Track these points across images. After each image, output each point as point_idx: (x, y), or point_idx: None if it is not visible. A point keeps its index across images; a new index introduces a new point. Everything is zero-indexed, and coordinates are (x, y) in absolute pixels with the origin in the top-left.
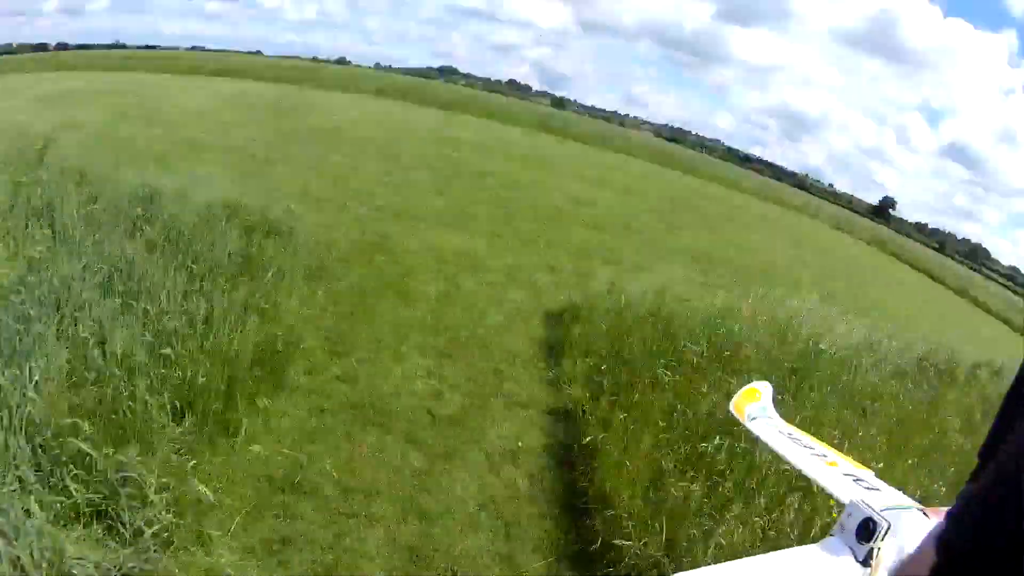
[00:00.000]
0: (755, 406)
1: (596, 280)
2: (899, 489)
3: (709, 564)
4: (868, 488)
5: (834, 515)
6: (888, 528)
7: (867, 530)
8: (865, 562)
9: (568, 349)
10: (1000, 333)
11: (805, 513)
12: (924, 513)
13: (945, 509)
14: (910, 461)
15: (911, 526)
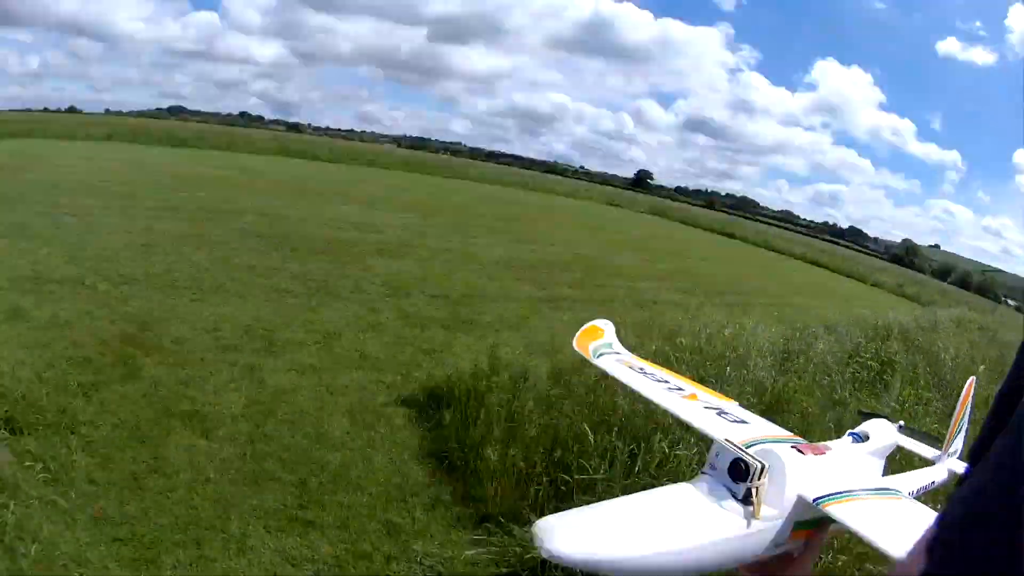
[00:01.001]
0: (599, 343)
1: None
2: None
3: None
4: (734, 421)
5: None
6: (763, 468)
7: (739, 470)
8: (745, 500)
9: None
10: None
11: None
12: (799, 450)
13: (832, 443)
14: None
15: (786, 463)
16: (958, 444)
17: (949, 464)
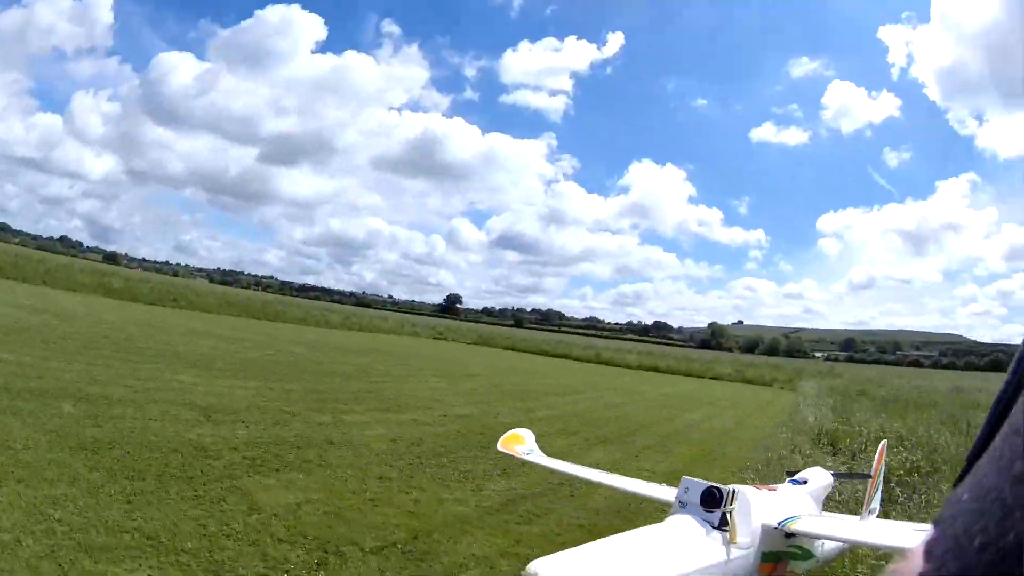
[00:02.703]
0: (523, 447)
1: None
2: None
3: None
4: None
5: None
6: (734, 493)
7: (713, 498)
8: (721, 525)
9: None
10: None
11: None
12: (756, 487)
13: (777, 486)
14: None
15: (748, 495)
16: (876, 504)
17: (870, 522)
